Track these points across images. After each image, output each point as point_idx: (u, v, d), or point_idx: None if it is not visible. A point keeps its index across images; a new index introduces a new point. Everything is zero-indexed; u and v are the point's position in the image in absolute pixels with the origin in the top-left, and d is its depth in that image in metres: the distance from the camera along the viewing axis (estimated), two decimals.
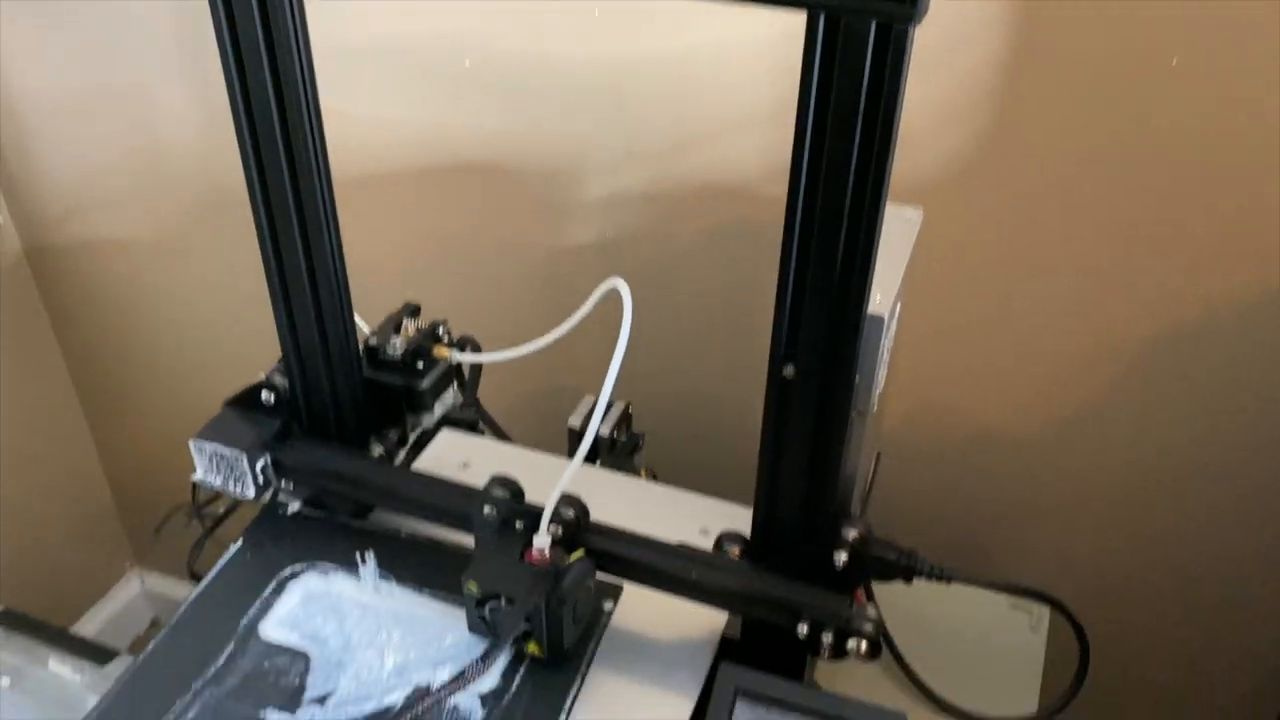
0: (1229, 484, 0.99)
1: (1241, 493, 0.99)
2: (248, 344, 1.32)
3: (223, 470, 0.83)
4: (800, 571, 0.73)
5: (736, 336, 1.08)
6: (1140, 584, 1.07)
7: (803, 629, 0.72)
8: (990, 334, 1.01)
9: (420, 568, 0.82)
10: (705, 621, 0.79)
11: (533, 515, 0.75)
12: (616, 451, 0.99)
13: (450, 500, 0.79)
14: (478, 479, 0.78)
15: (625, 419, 1.01)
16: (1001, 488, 1.06)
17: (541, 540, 0.73)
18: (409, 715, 0.70)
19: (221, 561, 0.82)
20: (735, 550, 0.76)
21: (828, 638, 0.71)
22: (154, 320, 1.41)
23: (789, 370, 0.66)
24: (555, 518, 0.74)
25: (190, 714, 0.71)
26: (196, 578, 0.88)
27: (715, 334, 1.09)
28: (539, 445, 1.05)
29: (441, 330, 0.87)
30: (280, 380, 0.84)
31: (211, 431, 0.83)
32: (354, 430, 0.84)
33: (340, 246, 0.78)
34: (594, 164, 1.04)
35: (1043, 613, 0.92)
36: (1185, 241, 0.90)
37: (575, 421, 0.99)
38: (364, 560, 0.82)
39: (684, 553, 0.75)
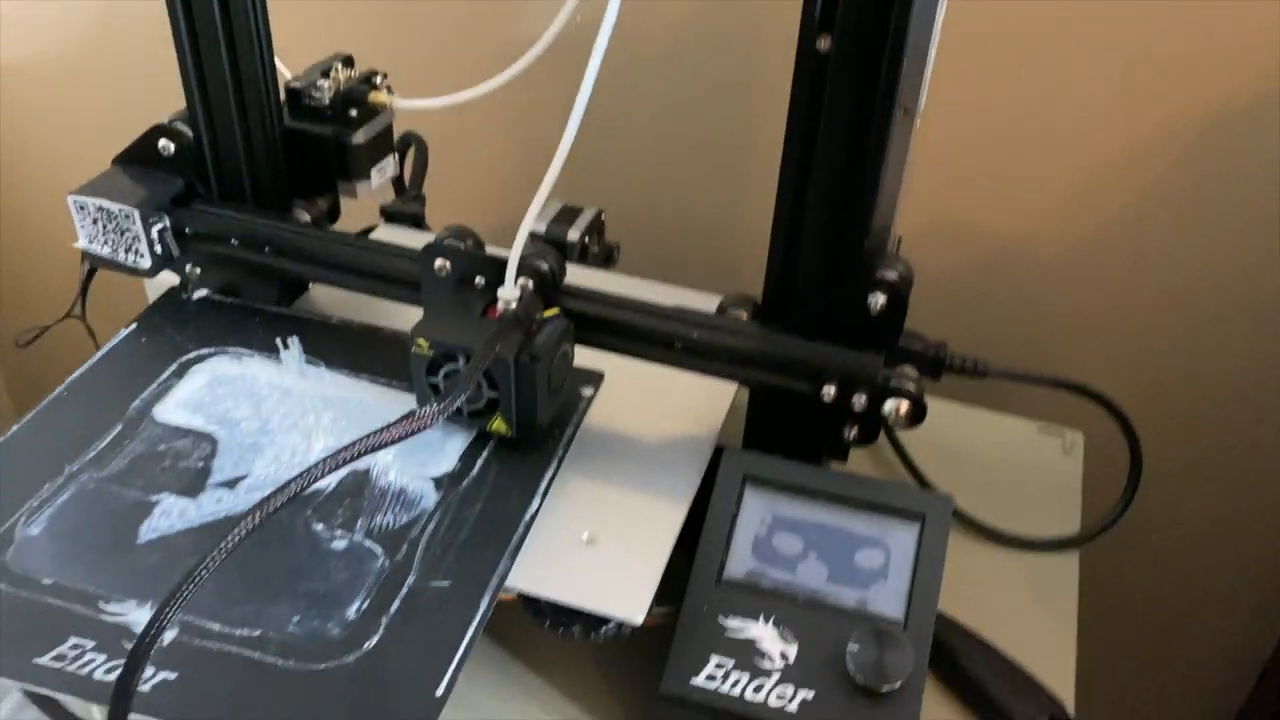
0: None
1: None
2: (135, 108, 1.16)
3: (110, 235, 0.67)
4: (825, 329, 0.60)
5: (719, 120, 0.94)
6: (1189, 394, 0.96)
7: (830, 391, 0.59)
8: (1020, 135, 0.88)
9: (356, 353, 0.67)
10: (704, 404, 0.66)
11: (496, 267, 0.61)
12: (589, 262, 0.85)
13: (396, 264, 0.64)
14: None
15: (597, 227, 0.87)
16: (1034, 301, 0.94)
17: (508, 292, 0.59)
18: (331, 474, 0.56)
19: (109, 345, 0.67)
20: (742, 314, 0.63)
21: (860, 400, 0.58)
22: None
23: (823, 43, 0.52)
24: (524, 269, 0.60)
25: (60, 499, 0.56)
26: None
27: (691, 117, 0.95)
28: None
29: (379, 80, 0.72)
30: (182, 128, 0.68)
31: (96, 186, 0.67)
32: (273, 192, 0.69)
33: None
34: None
35: (1076, 437, 0.81)
36: (1228, 33, 0.79)
37: (539, 227, 0.85)
38: (286, 345, 0.67)
39: (682, 315, 0.62)
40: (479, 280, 0.62)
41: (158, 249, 0.67)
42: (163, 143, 0.68)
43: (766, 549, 0.59)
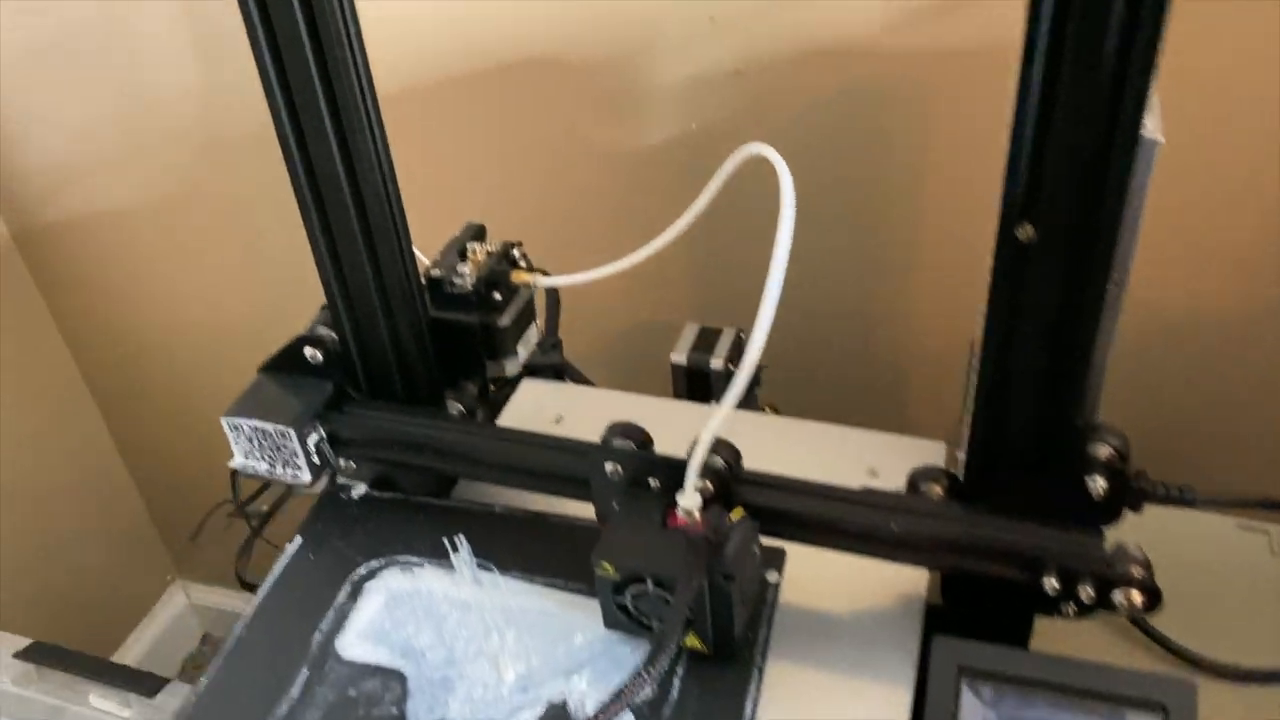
0: None
1: None
2: (272, 309, 1.16)
3: (267, 452, 0.66)
4: (1036, 508, 0.55)
5: (859, 235, 0.90)
6: None
7: (1051, 583, 0.54)
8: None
9: (526, 550, 0.64)
10: (897, 585, 0.62)
11: (670, 468, 0.57)
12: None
13: (561, 461, 0.62)
14: (574, 433, 0.63)
15: (737, 348, 0.83)
16: (1202, 386, 0.88)
17: (689, 500, 0.56)
18: None
19: (279, 566, 0.65)
20: (937, 490, 0.59)
21: (1086, 590, 0.54)
22: (164, 297, 1.24)
23: (1025, 231, 0.48)
24: (702, 468, 0.57)
25: None
26: (249, 587, 0.71)
27: (831, 236, 0.91)
28: (633, 389, 0.88)
29: (516, 253, 0.69)
30: (326, 333, 0.67)
31: (247, 405, 0.66)
32: (424, 386, 0.67)
33: (387, 151, 0.60)
34: (668, 39, 0.85)
35: None
36: None
37: (680, 356, 0.82)
38: (455, 546, 0.65)
39: (874, 499, 0.58)
40: (653, 482, 0.58)
41: (315, 460, 0.66)
42: (309, 352, 0.66)
43: None
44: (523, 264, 0.70)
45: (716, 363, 0.81)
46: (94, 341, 1.33)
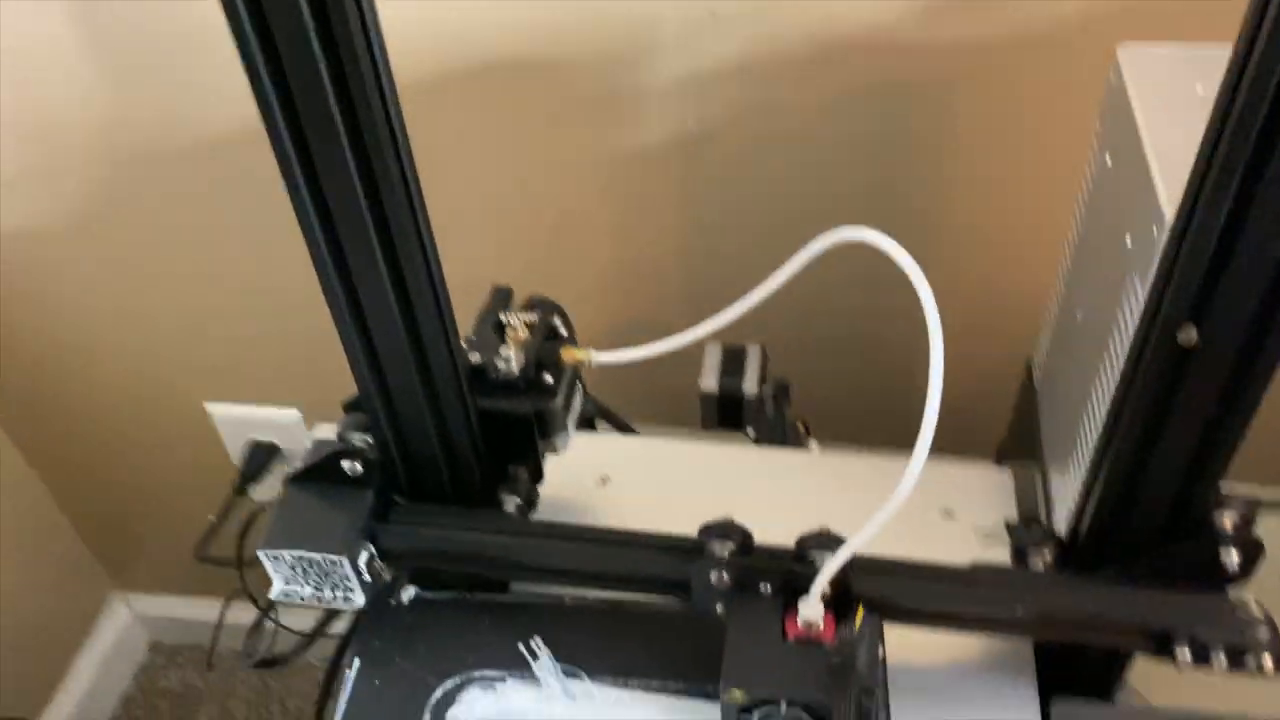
0: None
1: None
2: (193, 323, 1.06)
3: (313, 578, 0.59)
4: (1157, 576, 0.54)
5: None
6: None
7: (1184, 654, 0.53)
8: None
9: (611, 648, 0.60)
10: (1002, 646, 0.60)
11: (783, 574, 0.54)
12: (768, 413, 0.78)
13: (653, 567, 0.57)
14: (625, 495, 0.66)
15: (765, 365, 0.79)
16: None
17: (813, 611, 0.53)
18: None
19: (344, 697, 0.60)
20: (1045, 557, 0.57)
21: (1219, 659, 0.53)
22: (85, 313, 1.11)
23: (1189, 336, 0.45)
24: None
25: None
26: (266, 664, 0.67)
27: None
28: (658, 420, 0.84)
29: (558, 322, 0.63)
30: (362, 439, 0.59)
31: (286, 532, 0.58)
32: (475, 483, 0.61)
33: (422, 203, 0.51)
34: (666, 34, 0.77)
35: None
36: None
37: (710, 383, 0.77)
38: (534, 654, 0.60)
39: (991, 579, 0.56)
40: (764, 588, 0.55)
41: (367, 578, 0.59)
42: (348, 465, 0.59)
43: None
44: (566, 333, 0.63)
45: (750, 387, 0.77)
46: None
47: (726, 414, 0.78)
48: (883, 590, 0.55)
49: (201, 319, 1.07)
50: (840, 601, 0.54)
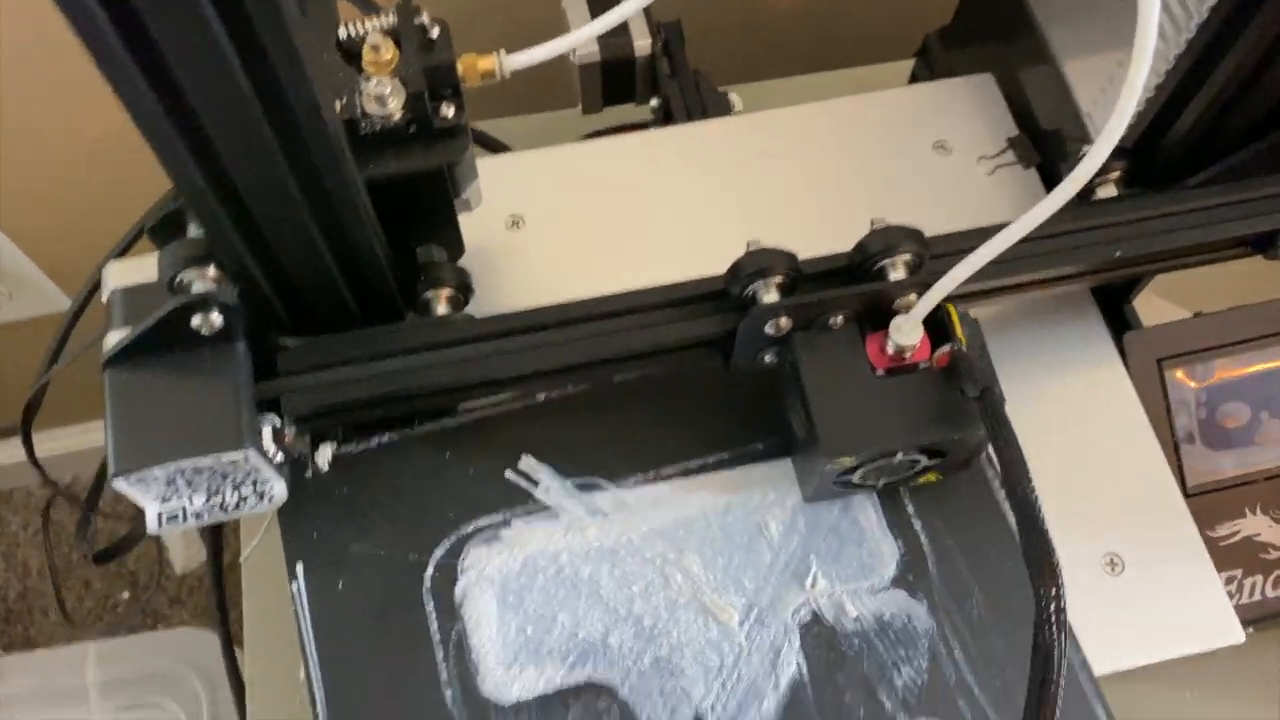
0: None
1: None
2: None
3: (203, 487, 0.40)
4: (1241, 175, 0.45)
5: None
6: None
7: None
8: None
9: (623, 440, 0.47)
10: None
11: (861, 299, 0.41)
12: (665, 72, 0.61)
13: (681, 331, 0.42)
14: (550, 233, 0.51)
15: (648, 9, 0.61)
16: None
17: (910, 337, 0.41)
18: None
19: (305, 624, 0.44)
20: (1113, 185, 0.47)
21: None
22: None
23: None
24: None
25: None
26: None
27: None
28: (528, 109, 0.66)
29: (427, 20, 0.41)
30: (209, 277, 0.39)
31: (143, 441, 0.38)
32: (393, 290, 0.42)
33: None
34: None
35: None
36: None
37: (587, 50, 0.58)
38: (532, 478, 0.46)
39: (1081, 223, 0.45)
40: (835, 319, 0.42)
41: (280, 459, 0.41)
42: (199, 320, 0.38)
43: (1216, 433, 0.50)
44: (435, 32, 0.42)
45: (641, 43, 0.59)
46: None
47: (614, 86, 0.60)
48: (966, 280, 0.43)
49: None
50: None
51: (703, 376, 0.47)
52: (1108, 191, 0.47)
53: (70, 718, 0.79)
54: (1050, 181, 0.52)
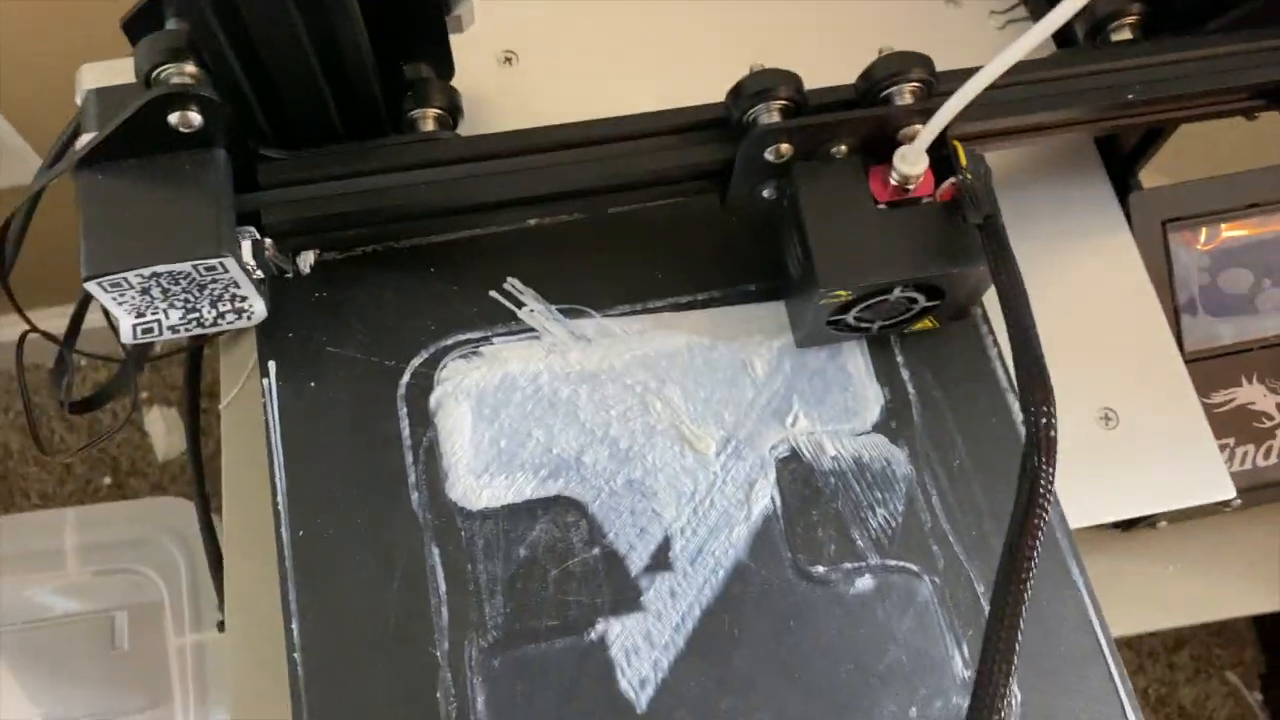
0: None
1: None
2: None
3: (180, 298, 0.39)
4: (1259, 23, 0.44)
5: None
6: None
7: None
8: None
9: (610, 270, 0.46)
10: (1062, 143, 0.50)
11: (865, 125, 0.40)
12: None
13: (677, 157, 0.41)
14: (544, 69, 0.50)
15: None
16: None
17: (915, 167, 0.39)
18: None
19: (273, 418, 0.43)
20: (1129, 22, 0.45)
21: None
22: None
23: None
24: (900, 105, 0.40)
25: (480, 697, 0.39)
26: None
27: None
28: None
29: None
30: (188, 74, 0.37)
31: (118, 244, 0.37)
32: (380, 103, 0.41)
33: None
34: None
35: None
36: None
37: None
38: (517, 300, 0.45)
39: (1088, 63, 0.43)
40: (838, 149, 0.40)
41: (259, 274, 0.40)
42: (177, 117, 0.37)
43: (1216, 299, 0.49)
44: None
45: None
46: None
47: None
48: (971, 125, 0.42)
49: None
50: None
51: (698, 216, 0.46)
52: (1123, 36, 0.45)
53: (47, 577, 0.78)
54: (1061, 39, 0.50)
